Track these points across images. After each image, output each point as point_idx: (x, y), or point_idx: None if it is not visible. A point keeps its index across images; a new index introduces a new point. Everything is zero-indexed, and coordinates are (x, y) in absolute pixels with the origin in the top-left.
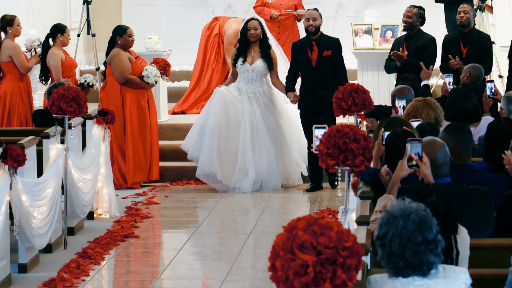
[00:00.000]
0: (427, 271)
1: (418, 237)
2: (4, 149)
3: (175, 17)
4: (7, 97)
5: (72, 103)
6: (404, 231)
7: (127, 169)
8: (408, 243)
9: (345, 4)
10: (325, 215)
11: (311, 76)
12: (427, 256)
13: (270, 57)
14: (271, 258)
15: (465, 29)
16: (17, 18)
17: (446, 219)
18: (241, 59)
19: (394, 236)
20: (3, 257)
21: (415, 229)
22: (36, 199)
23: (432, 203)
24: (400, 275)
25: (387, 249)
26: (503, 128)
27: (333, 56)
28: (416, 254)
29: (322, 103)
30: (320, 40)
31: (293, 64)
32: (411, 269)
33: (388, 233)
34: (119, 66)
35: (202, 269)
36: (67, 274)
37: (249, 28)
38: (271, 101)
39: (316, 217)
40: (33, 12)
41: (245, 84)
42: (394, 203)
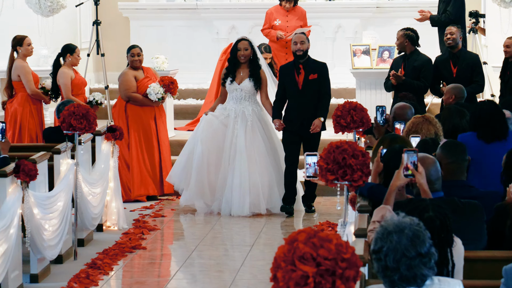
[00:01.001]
0: (421, 283)
1: (411, 251)
2: (16, 164)
3: (181, 37)
4: (18, 115)
5: (82, 120)
6: (398, 246)
7: (131, 182)
8: (402, 258)
9: (344, 26)
10: (325, 227)
11: (297, 99)
12: (421, 269)
13: (259, 76)
14: (273, 269)
15: (454, 49)
16: (27, 38)
17: (442, 233)
18: (229, 78)
19: (389, 251)
20: (15, 268)
21: (409, 244)
22: (47, 212)
23: (429, 219)
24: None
25: (382, 263)
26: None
27: (319, 79)
28: (410, 268)
29: (307, 127)
30: (307, 64)
31: (280, 88)
32: (405, 282)
33: (383, 247)
34: (122, 84)
35: (206, 280)
36: (77, 284)
37: (239, 48)
38: (260, 120)
39: (316, 229)
40: (45, 33)
41: (234, 103)
42: (389, 217)
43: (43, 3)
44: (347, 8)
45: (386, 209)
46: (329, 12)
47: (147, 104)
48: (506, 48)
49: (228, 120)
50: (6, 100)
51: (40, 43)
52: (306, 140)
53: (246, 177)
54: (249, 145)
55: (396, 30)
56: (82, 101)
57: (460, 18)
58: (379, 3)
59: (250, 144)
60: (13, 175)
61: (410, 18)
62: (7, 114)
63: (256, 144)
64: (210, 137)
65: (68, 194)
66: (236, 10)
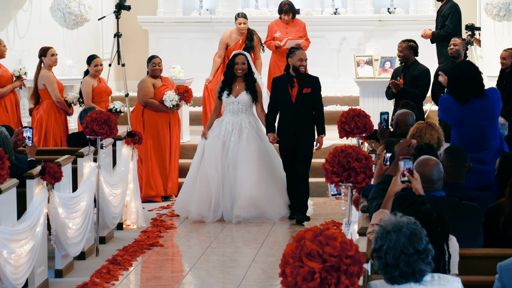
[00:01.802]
0: (420, 278)
1: (410, 248)
2: (42, 167)
3: (196, 48)
4: (43, 121)
5: (104, 126)
6: (397, 244)
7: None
8: (401, 255)
9: (348, 38)
10: (330, 226)
11: (290, 112)
12: (419, 265)
13: (255, 89)
14: (282, 265)
15: (456, 59)
16: (51, 49)
17: (439, 224)
18: (226, 92)
19: (389, 249)
20: (41, 264)
21: (407, 242)
22: (71, 211)
23: (426, 210)
24: (395, 283)
25: (382, 261)
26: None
27: (312, 93)
28: (409, 264)
29: (299, 139)
30: (301, 78)
31: (272, 99)
32: (405, 278)
33: (383, 246)
34: (141, 90)
35: (219, 275)
36: (99, 279)
37: (237, 62)
38: (256, 132)
39: (322, 228)
40: (70, 44)
41: (231, 116)
42: (387, 218)
43: (68, 17)
44: (351, 22)
45: (384, 212)
46: (335, 25)
47: (162, 110)
48: (503, 60)
49: (226, 133)
50: (32, 107)
51: (65, 54)
52: (298, 151)
53: (245, 188)
54: (248, 156)
55: (397, 42)
56: (103, 108)
57: (458, 31)
58: (381, 17)
59: (249, 155)
60: (39, 177)
61: (410, 31)
62: (33, 120)
63: (254, 155)
64: (213, 160)
65: (91, 195)
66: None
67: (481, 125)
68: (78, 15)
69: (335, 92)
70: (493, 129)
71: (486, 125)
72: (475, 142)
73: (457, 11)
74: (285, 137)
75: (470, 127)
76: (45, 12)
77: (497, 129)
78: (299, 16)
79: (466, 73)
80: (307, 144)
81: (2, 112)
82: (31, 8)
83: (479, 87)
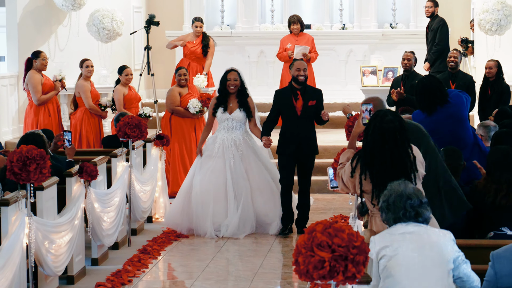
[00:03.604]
0: (421, 222)
1: (414, 198)
2: (80, 166)
3: (218, 60)
4: (78, 125)
5: (135, 129)
6: (403, 193)
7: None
8: (407, 200)
9: (355, 50)
10: (338, 220)
11: (295, 124)
12: (421, 209)
13: (248, 105)
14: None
15: (454, 70)
16: (88, 61)
17: (402, 131)
18: (221, 108)
19: (396, 197)
20: (79, 253)
21: (413, 192)
22: (106, 206)
23: (389, 120)
24: (398, 222)
25: (391, 208)
26: None
27: (316, 105)
28: (413, 207)
29: (303, 150)
30: (305, 90)
31: (274, 111)
32: (408, 218)
33: (391, 196)
34: (169, 99)
35: (239, 263)
36: (131, 266)
37: (229, 79)
38: (251, 149)
39: (331, 221)
40: (104, 56)
41: (225, 132)
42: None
43: (102, 32)
44: (358, 36)
45: (351, 151)
46: (343, 39)
47: (188, 116)
48: (489, 70)
49: (220, 150)
50: (71, 112)
51: (100, 64)
52: (301, 163)
53: (245, 205)
54: (244, 173)
55: (398, 54)
56: (134, 114)
57: (447, 44)
58: (384, 31)
59: (245, 172)
60: (77, 175)
61: (410, 44)
62: (71, 124)
63: (250, 172)
64: (207, 176)
65: (123, 191)
66: (264, 37)
67: (452, 129)
68: (111, 30)
69: (343, 99)
70: (464, 129)
71: (456, 128)
72: (452, 144)
73: (445, 25)
74: (288, 149)
75: (444, 134)
76: (82, 27)
77: (468, 128)
78: (311, 31)
79: (428, 86)
80: (311, 158)
81: (45, 116)
82: (70, 23)
83: (441, 96)
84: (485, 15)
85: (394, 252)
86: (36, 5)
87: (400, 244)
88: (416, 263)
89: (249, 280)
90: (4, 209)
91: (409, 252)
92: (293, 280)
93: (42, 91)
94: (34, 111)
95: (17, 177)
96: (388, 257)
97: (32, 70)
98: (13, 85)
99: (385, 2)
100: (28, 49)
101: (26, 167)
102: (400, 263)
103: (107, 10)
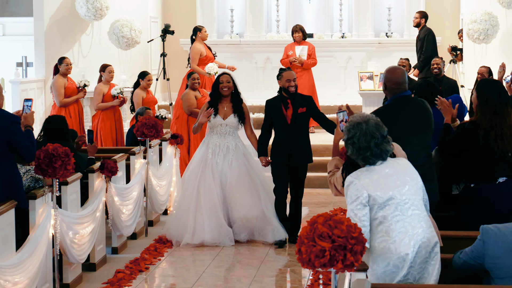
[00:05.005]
0: (386, 157)
1: (377, 134)
2: (102, 163)
3: None
4: (98, 125)
5: (152, 129)
6: (367, 131)
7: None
8: (371, 139)
9: (353, 57)
10: (338, 212)
11: (286, 132)
12: (385, 146)
13: (242, 111)
14: (298, 245)
15: (438, 76)
16: (110, 67)
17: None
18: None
19: (361, 135)
20: (100, 242)
21: (374, 129)
22: (125, 199)
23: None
24: (367, 163)
25: (356, 146)
26: None
27: (308, 112)
28: (377, 145)
29: (295, 159)
30: (295, 98)
31: (267, 121)
32: (375, 157)
33: (356, 134)
34: (186, 102)
35: (246, 252)
36: (147, 255)
37: (222, 81)
38: (243, 155)
39: (331, 214)
40: (124, 62)
41: (218, 138)
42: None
43: (121, 40)
44: (356, 44)
45: (336, 159)
46: (342, 47)
47: None
48: (481, 75)
49: (213, 156)
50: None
51: (120, 70)
52: (294, 172)
53: (235, 210)
54: (236, 179)
55: (393, 61)
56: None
57: (434, 51)
58: (380, 40)
59: (237, 179)
60: (99, 171)
61: (404, 51)
62: (93, 124)
63: (242, 178)
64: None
65: (141, 186)
66: (270, 45)
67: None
68: (130, 38)
69: (342, 102)
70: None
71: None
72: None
73: (430, 35)
74: (280, 158)
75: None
76: (104, 35)
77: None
78: (313, 39)
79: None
80: (303, 168)
81: (66, 118)
82: (93, 32)
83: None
84: (473, 25)
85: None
86: (61, 15)
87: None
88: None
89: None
90: (32, 202)
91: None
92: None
93: (64, 94)
94: (57, 112)
95: (44, 173)
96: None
97: (57, 75)
98: (40, 88)
99: (381, 13)
100: (54, 55)
101: (52, 164)
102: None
103: (126, 20)
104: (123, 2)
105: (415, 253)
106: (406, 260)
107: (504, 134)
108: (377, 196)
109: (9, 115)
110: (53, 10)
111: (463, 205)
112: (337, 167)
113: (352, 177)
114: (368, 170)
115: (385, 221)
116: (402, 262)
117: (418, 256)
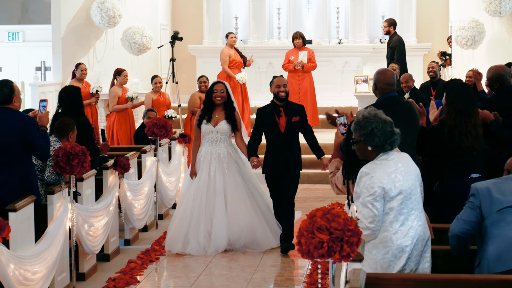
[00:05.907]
0: (395, 146)
1: (388, 127)
2: (115, 160)
3: None
4: (111, 126)
5: (162, 129)
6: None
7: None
8: (387, 129)
9: (350, 62)
10: (335, 207)
11: (279, 141)
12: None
13: (234, 118)
14: (298, 237)
15: (434, 79)
16: (125, 71)
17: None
18: (205, 120)
19: (381, 123)
20: (114, 234)
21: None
22: (137, 194)
23: None
24: (382, 151)
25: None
26: None
27: (300, 121)
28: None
29: (289, 167)
30: (288, 107)
31: (256, 129)
32: (390, 145)
33: (378, 124)
34: (190, 102)
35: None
36: (158, 246)
37: (216, 90)
38: (235, 162)
39: (329, 208)
40: (136, 66)
41: (209, 145)
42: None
43: (133, 46)
44: (352, 49)
45: (337, 161)
46: (339, 52)
47: None
48: (469, 79)
49: (204, 163)
50: (107, 114)
51: (132, 74)
52: (286, 178)
53: (230, 218)
54: (228, 186)
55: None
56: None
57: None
58: (374, 46)
59: (229, 186)
60: (112, 168)
61: None
62: (107, 125)
63: (234, 185)
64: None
65: (152, 182)
66: (272, 51)
67: None
68: (141, 44)
69: (339, 104)
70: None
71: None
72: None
73: (401, 43)
74: (274, 166)
75: None
76: (117, 42)
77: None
78: (312, 45)
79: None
80: (295, 171)
81: None
82: (107, 39)
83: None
84: (461, 32)
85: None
86: (77, 22)
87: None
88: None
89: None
90: (50, 197)
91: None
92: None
93: None
94: None
95: (62, 170)
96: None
97: (74, 79)
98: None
99: (376, 21)
100: (71, 60)
101: (70, 162)
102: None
103: (138, 27)
104: (135, 10)
105: (413, 245)
106: (404, 252)
107: (468, 132)
108: (389, 191)
109: (25, 117)
110: (69, 18)
111: (438, 197)
112: (337, 168)
113: (368, 169)
114: (381, 164)
115: (391, 212)
116: (400, 252)
117: (416, 248)
